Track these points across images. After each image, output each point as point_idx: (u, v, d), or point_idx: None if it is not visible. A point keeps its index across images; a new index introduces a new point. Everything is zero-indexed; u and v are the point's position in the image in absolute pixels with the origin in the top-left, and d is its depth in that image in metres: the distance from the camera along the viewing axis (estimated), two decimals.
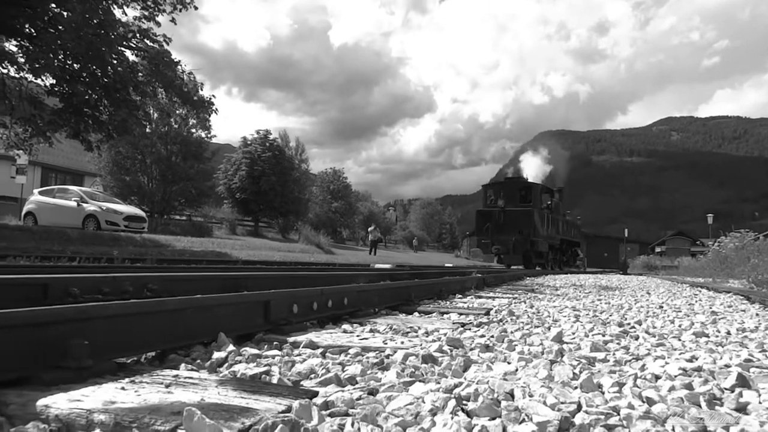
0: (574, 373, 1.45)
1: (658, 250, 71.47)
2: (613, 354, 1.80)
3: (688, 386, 1.29)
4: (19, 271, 3.49)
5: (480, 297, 4.74)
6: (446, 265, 18.81)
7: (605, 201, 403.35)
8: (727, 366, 1.62)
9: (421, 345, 1.87)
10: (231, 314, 1.85)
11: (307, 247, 26.40)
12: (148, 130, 26.49)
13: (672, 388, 1.27)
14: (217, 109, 15.47)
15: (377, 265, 12.92)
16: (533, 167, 29.56)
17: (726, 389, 1.31)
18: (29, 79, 14.04)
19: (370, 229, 36.45)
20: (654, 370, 1.49)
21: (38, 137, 14.70)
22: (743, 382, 1.33)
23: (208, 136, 32.36)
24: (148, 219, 20.33)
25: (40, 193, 19.21)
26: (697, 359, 1.77)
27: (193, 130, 31.68)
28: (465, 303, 3.97)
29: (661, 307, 4.49)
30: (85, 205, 17.57)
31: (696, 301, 5.46)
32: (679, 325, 3.01)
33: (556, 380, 1.38)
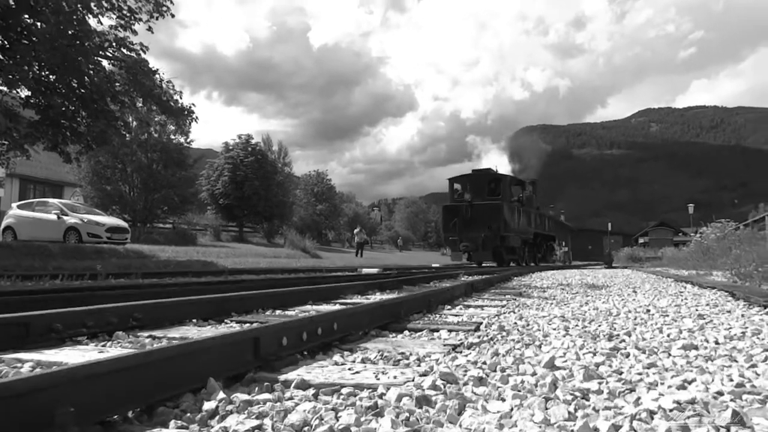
0: (569, 413, 1.44)
1: (641, 241, 72.30)
2: (606, 383, 1.80)
3: (685, 428, 1.29)
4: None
5: (469, 306, 4.74)
6: (433, 265, 18.76)
7: (587, 194, 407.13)
8: (720, 393, 1.63)
9: (413, 379, 1.85)
10: (220, 355, 1.81)
11: (292, 251, 26.29)
12: (127, 138, 26.19)
13: (669, 431, 1.27)
14: (197, 117, 15.34)
15: (364, 270, 12.89)
16: (495, 161, 28.95)
17: (722, 427, 1.31)
18: (4, 92, 13.80)
19: (355, 231, 36.44)
20: (649, 404, 1.49)
21: (15, 150, 14.45)
22: (738, 419, 1.33)
23: (187, 141, 31.99)
24: (130, 228, 20.09)
25: (19, 206, 18.90)
26: (690, 384, 1.78)
27: (173, 137, 31.34)
28: (455, 316, 3.96)
29: (648, 310, 4.52)
30: (65, 217, 17.33)
31: (682, 301, 5.51)
32: (668, 335, 3.03)
33: (552, 422, 1.37)
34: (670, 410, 1.44)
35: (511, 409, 1.49)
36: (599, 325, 3.48)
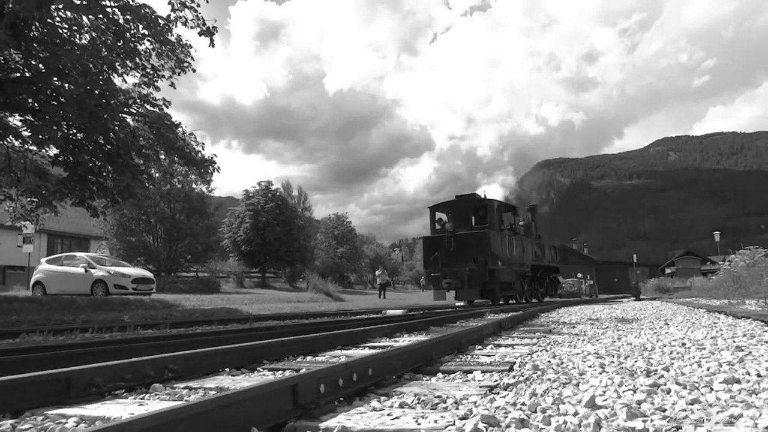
0: None
1: (668, 271, 70.95)
2: (651, 420, 1.77)
3: None
4: (36, 358, 3.48)
5: (500, 346, 4.69)
6: (457, 304, 18.54)
7: (609, 226, 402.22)
8: None
9: (454, 423, 1.85)
10: (260, 404, 1.83)
11: (316, 295, 26.27)
12: (150, 189, 26.80)
13: None
14: (219, 168, 15.67)
15: (389, 312, 12.82)
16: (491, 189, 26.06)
17: None
18: (34, 151, 14.28)
19: (377, 272, 36.32)
20: None
21: (44, 207, 14.85)
22: None
23: (209, 190, 32.67)
24: (155, 278, 20.32)
25: (48, 261, 19.29)
26: (737, 419, 1.75)
27: (195, 186, 32.03)
28: (486, 356, 3.93)
29: (684, 344, 4.43)
30: (92, 270, 17.62)
31: (717, 332, 5.39)
32: (708, 369, 2.97)
33: None
34: None
35: None
36: (635, 361, 3.42)
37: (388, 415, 2.03)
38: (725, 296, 17.03)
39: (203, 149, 15.53)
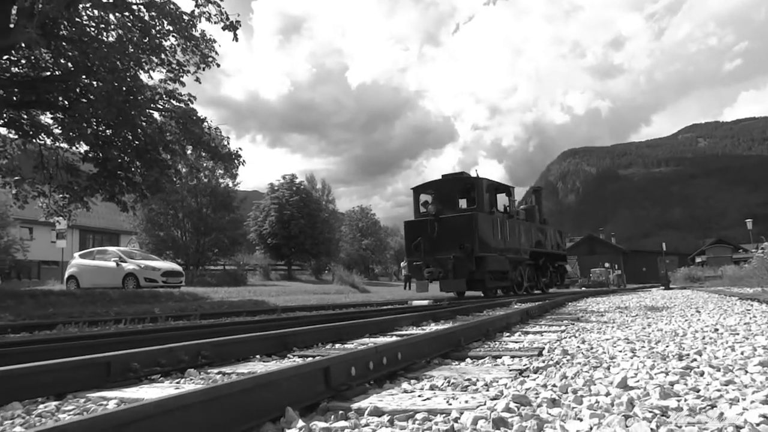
0: (651, 430, 1.42)
1: (698, 260, 69.55)
2: (685, 400, 1.76)
3: None
4: (73, 346, 3.58)
5: (527, 333, 4.68)
6: (482, 294, 18.42)
7: (637, 214, 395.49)
8: None
9: (485, 403, 1.86)
10: (295, 386, 1.87)
11: (341, 287, 26.43)
12: (177, 184, 27.18)
13: None
14: (244, 161, 15.84)
15: (415, 302, 12.84)
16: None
17: None
18: (65, 149, 14.60)
19: (403, 264, 36.34)
20: (733, 419, 1.46)
21: (76, 203, 15.19)
22: None
23: (235, 184, 33.04)
24: (184, 271, 20.67)
25: (81, 256, 19.74)
26: None
27: (221, 180, 32.43)
28: (515, 342, 3.92)
29: (716, 329, 4.36)
30: (123, 264, 17.99)
31: (750, 319, 5.29)
32: (742, 353, 2.93)
33: None
34: (757, 424, 1.40)
35: (591, 428, 1.48)
36: (667, 346, 3.38)
37: (419, 396, 2.05)
38: (758, 284, 16.66)
39: (228, 143, 15.72)
